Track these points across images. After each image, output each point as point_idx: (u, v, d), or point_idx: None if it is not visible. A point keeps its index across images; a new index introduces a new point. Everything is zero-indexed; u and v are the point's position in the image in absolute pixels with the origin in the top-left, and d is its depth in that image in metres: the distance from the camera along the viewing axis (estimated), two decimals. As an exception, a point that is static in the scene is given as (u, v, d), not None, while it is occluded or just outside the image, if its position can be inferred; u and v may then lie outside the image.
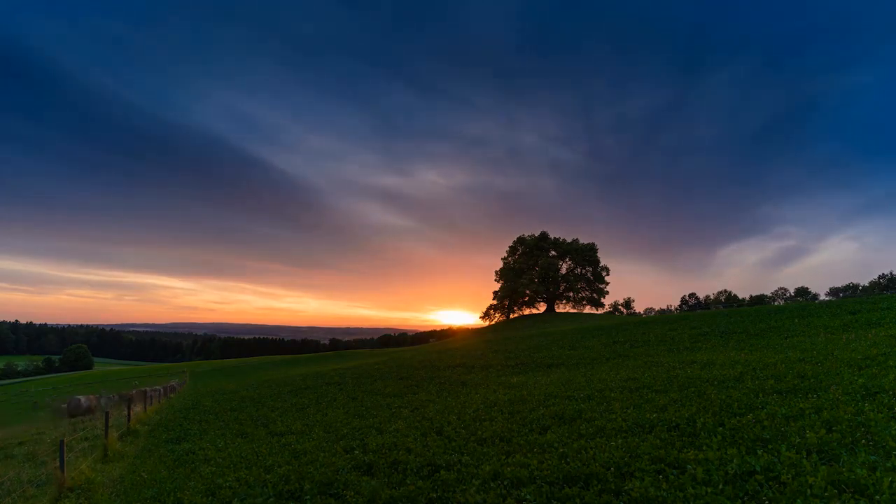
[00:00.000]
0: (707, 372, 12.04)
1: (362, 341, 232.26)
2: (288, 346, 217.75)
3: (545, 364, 19.84)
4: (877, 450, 5.38)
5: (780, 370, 10.75)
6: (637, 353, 19.53)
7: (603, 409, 9.60)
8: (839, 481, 4.70)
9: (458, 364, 23.14)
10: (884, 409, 6.70)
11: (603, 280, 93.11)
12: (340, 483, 7.09)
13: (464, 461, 7.32)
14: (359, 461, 8.12)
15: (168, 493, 7.80)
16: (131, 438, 14.56)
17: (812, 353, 12.56)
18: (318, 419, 13.46)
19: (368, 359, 45.40)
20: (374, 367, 28.28)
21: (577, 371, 16.62)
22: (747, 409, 7.90)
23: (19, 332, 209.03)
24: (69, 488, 8.98)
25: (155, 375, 63.30)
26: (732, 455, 5.80)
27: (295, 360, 65.90)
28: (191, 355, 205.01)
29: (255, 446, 10.75)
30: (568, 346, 25.93)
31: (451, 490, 6.20)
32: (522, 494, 5.69)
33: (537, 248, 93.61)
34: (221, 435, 13.01)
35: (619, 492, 5.38)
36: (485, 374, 19.14)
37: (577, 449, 7.08)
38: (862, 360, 10.51)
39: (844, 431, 6.07)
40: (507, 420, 9.88)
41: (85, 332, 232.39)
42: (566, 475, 6.07)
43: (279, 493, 7.04)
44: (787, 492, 4.65)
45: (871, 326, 16.95)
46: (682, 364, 14.20)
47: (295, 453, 9.49)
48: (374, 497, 6.32)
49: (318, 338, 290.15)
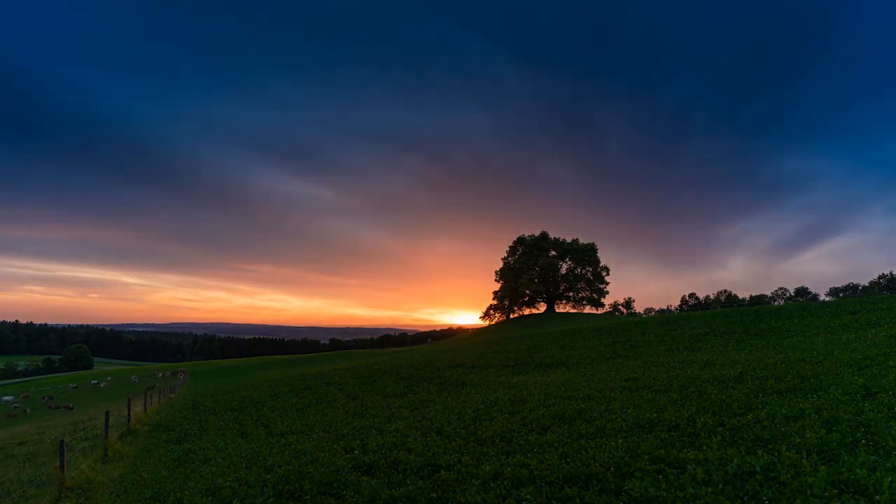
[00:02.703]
0: (707, 372, 12.04)
1: (362, 341, 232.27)
2: (288, 346, 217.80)
3: (545, 364, 19.84)
4: (877, 450, 5.38)
5: (780, 370, 10.75)
6: (637, 353, 19.53)
7: (603, 409, 9.60)
8: (839, 481, 4.71)
9: (458, 364, 23.14)
10: (884, 409, 6.70)
11: (603, 280, 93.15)
12: (340, 483, 7.09)
13: (464, 461, 7.32)
14: (359, 461, 8.12)
15: (168, 493, 7.80)
16: (131, 438, 14.56)
17: (812, 353, 12.57)
18: (318, 419, 13.45)
19: (368, 359, 45.40)
20: (374, 366, 28.28)
21: (577, 371, 16.62)
22: (747, 409, 7.91)
23: (19, 332, 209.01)
24: (69, 488, 8.98)
25: (155, 375, 63.28)
26: (732, 455, 5.81)
27: (295, 360, 65.90)
28: (191, 355, 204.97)
29: (256, 446, 10.74)
30: (568, 346, 25.93)
31: (451, 490, 6.21)
32: (522, 494, 5.69)
33: (537, 248, 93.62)
34: (221, 435, 13.01)
35: (619, 492, 5.38)
36: (485, 373, 19.14)
37: (577, 449, 7.08)
38: (862, 360, 10.51)
39: (844, 431, 6.07)
40: (507, 420, 9.88)
41: (85, 332, 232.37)
42: (566, 475, 6.07)
43: (279, 493, 7.04)
44: (787, 492, 4.65)
45: (871, 326, 16.95)
46: (682, 364, 14.21)
47: (295, 453, 9.48)
48: (374, 497, 6.32)
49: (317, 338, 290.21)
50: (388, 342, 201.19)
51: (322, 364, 49.29)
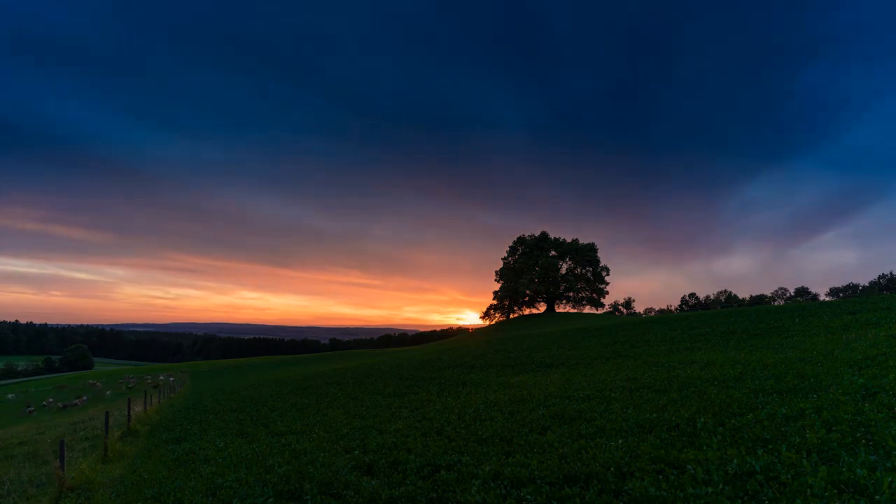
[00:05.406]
0: (707, 372, 12.04)
1: (362, 341, 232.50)
2: (288, 346, 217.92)
3: (545, 364, 19.84)
4: (877, 450, 5.38)
5: (780, 370, 10.75)
6: (637, 353, 19.52)
7: (603, 409, 9.61)
8: (839, 481, 4.71)
9: (459, 364, 23.14)
10: (884, 409, 6.70)
11: (603, 280, 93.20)
12: (341, 483, 7.09)
13: (464, 461, 7.32)
14: (359, 461, 8.13)
15: (168, 493, 7.80)
16: (131, 438, 14.56)
17: (812, 353, 12.57)
18: (319, 419, 13.45)
19: (368, 359, 45.42)
20: (374, 366, 28.29)
21: (577, 371, 16.62)
22: (747, 409, 7.91)
23: (19, 332, 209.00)
24: (69, 488, 8.98)
25: (155, 375, 63.29)
26: (732, 455, 5.81)
27: (295, 360, 65.93)
28: (191, 355, 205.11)
29: (256, 446, 10.74)
30: (568, 346, 25.93)
31: (451, 490, 6.21)
32: (522, 494, 5.69)
33: (537, 248, 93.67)
34: (221, 435, 13.01)
35: (619, 492, 5.38)
36: (485, 374, 19.14)
37: (577, 449, 7.09)
38: (862, 360, 10.51)
39: (844, 431, 6.07)
40: (507, 420, 9.89)
41: (85, 332, 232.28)
42: (566, 475, 6.07)
43: (279, 493, 7.04)
44: (787, 492, 4.65)
45: (871, 326, 16.94)
46: (682, 364, 14.21)
47: (295, 453, 9.48)
48: (375, 497, 6.32)
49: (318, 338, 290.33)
50: (389, 342, 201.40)
51: (322, 364, 49.31)
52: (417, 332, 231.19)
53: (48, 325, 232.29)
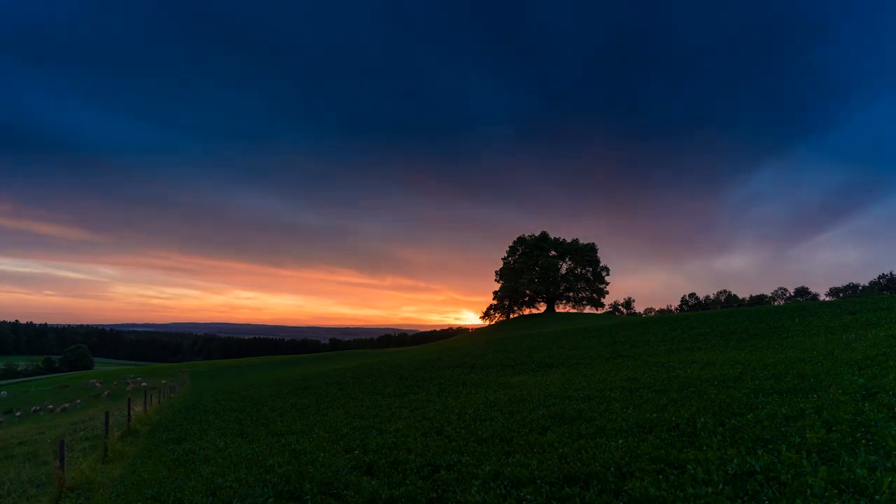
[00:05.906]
0: (707, 372, 12.05)
1: (362, 341, 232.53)
2: (288, 346, 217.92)
3: (545, 364, 19.84)
4: (877, 450, 5.38)
5: (780, 370, 10.76)
6: (637, 353, 19.52)
7: (603, 409, 9.61)
8: (839, 481, 4.71)
9: (459, 364, 23.14)
10: (884, 409, 6.70)
11: (603, 280, 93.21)
12: (341, 483, 7.09)
13: (464, 461, 7.32)
14: (359, 461, 8.13)
15: (168, 493, 7.80)
16: (131, 438, 14.56)
17: (812, 353, 12.57)
18: (319, 419, 13.46)
19: (368, 359, 45.42)
20: (374, 366, 28.29)
21: (577, 371, 16.63)
22: (747, 409, 7.91)
23: (19, 332, 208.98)
24: (69, 488, 8.98)
25: (155, 375, 63.27)
26: (732, 455, 5.81)
27: (295, 360, 65.92)
28: (191, 355, 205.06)
29: (256, 446, 10.75)
30: (568, 346, 25.94)
31: (451, 490, 6.21)
32: (522, 494, 5.69)
33: (537, 248, 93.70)
34: (221, 435, 13.00)
35: (619, 492, 5.38)
36: (485, 374, 19.14)
37: (577, 449, 7.09)
38: (862, 360, 10.51)
39: (844, 431, 6.07)
40: (507, 420, 9.89)
41: (85, 332, 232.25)
42: (566, 475, 6.07)
43: (279, 493, 7.04)
44: (787, 492, 4.65)
45: (871, 326, 16.94)
46: (682, 364, 14.21)
47: (295, 453, 9.49)
48: (375, 497, 6.32)
49: (318, 338, 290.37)
50: (389, 342, 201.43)
51: (322, 364, 49.31)
52: (417, 333, 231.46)
53: (48, 325, 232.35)
